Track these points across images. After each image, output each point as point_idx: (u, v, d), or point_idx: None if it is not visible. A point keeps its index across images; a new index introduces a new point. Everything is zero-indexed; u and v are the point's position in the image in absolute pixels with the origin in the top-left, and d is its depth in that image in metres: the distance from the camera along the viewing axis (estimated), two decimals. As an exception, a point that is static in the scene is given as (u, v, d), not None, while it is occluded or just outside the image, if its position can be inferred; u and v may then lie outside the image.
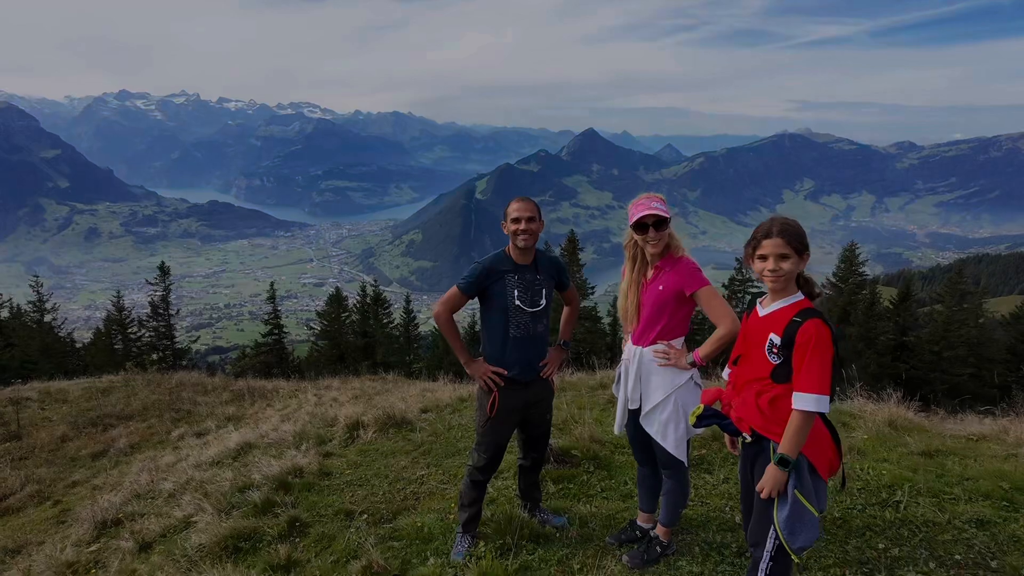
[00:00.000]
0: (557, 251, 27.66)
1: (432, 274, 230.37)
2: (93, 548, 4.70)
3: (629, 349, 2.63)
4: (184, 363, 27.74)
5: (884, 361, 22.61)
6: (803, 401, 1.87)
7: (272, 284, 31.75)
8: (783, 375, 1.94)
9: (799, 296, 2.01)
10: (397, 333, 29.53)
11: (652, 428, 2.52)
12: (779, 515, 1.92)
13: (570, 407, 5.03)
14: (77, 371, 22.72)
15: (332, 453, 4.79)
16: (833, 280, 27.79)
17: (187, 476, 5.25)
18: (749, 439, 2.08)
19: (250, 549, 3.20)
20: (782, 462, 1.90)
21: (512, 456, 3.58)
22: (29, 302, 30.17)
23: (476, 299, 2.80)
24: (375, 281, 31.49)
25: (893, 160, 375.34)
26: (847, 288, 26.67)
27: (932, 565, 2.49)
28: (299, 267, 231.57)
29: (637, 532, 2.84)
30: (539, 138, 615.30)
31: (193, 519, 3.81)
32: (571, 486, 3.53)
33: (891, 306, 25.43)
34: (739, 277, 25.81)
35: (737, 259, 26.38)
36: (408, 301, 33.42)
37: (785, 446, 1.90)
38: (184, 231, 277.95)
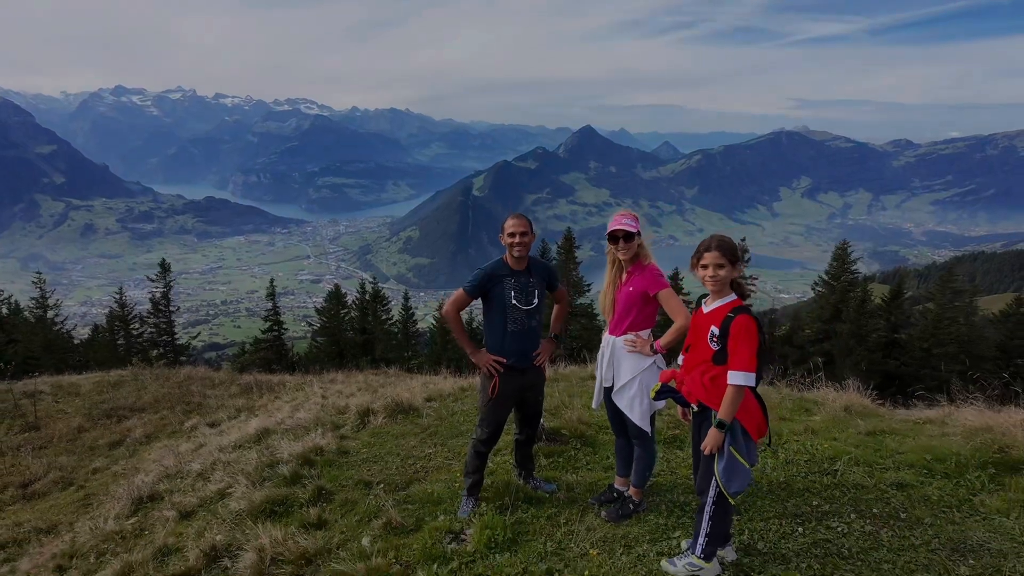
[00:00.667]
0: (554, 248, 28.17)
1: (429, 271, 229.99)
2: (133, 520, 5.20)
3: (605, 338, 3.17)
4: (184, 359, 28.17)
5: (875, 358, 23.18)
6: (735, 378, 2.40)
7: (272, 281, 32.13)
8: (721, 358, 2.47)
9: (733, 296, 2.54)
10: (396, 330, 29.95)
11: (622, 403, 3.06)
12: (718, 467, 2.46)
13: (562, 395, 5.57)
14: (78, 367, 23.14)
15: (347, 436, 5.31)
16: (825, 278, 28.33)
17: (213, 457, 5.76)
18: (696, 409, 2.62)
19: (284, 512, 3.72)
20: (720, 425, 2.44)
21: (508, 438, 4.10)
22: (32, 298, 30.52)
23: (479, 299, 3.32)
24: (374, 279, 31.88)
25: (890, 158, 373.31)
26: (839, 286, 27.20)
27: (853, 517, 3.03)
28: (296, 264, 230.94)
29: (614, 493, 3.37)
30: (536, 135, 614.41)
31: (228, 491, 4.32)
32: (560, 460, 4.06)
33: (883, 304, 26.02)
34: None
35: (731, 258, 26.90)
36: (407, 298, 33.80)
37: (722, 413, 2.43)
38: (180, 227, 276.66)
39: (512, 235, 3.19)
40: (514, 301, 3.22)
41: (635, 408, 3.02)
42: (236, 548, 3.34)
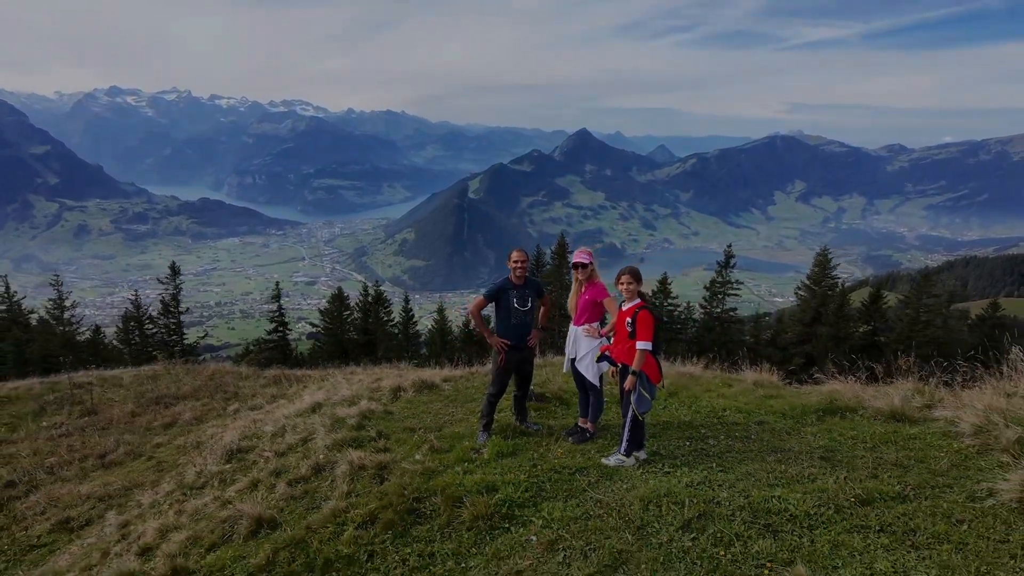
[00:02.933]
0: (548, 253, 30.05)
1: (425, 273, 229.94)
2: (229, 466, 6.93)
3: (571, 328, 5.00)
4: (192, 359, 29.65)
5: (851, 359, 24.91)
6: (641, 345, 4.22)
7: (277, 284, 33.73)
8: (633, 335, 4.29)
9: (638, 300, 4.36)
10: (396, 331, 31.57)
11: (582, 367, 4.88)
12: (633, 398, 4.27)
13: (548, 374, 7.39)
14: (92, 365, 24.67)
15: (387, 404, 7.06)
16: (807, 283, 30.02)
17: (282, 423, 7.50)
18: (620, 367, 4.43)
19: (357, 446, 5.47)
20: (633, 373, 4.24)
21: (506, 403, 5.87)
22: (50, 299, 32.06)
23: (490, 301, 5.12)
24: (377, 283, 33.46)
25: (884, 162, 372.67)
26: (820, 291, 28.94)
27: (723, 438, 4.84)
28: (291, 265, 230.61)
29: (578, 428, 5.18)
30: (532, 138, 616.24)
31: (310, 438, 6.08)
32: (544, 412, 5.88)
33: (863, 307, 27.74)
34: (719, 279, 28.14)
35: (718, 262, 28.69)
36: (407, 300, 35.38)
37: (635, 366, 4.24)
38: (175, 229, 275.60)
39: (516, 263, 5.03)
40: (515, 305, 5.05)
41: (589, 371, 4.84)
42: (332, 464, 5.11)
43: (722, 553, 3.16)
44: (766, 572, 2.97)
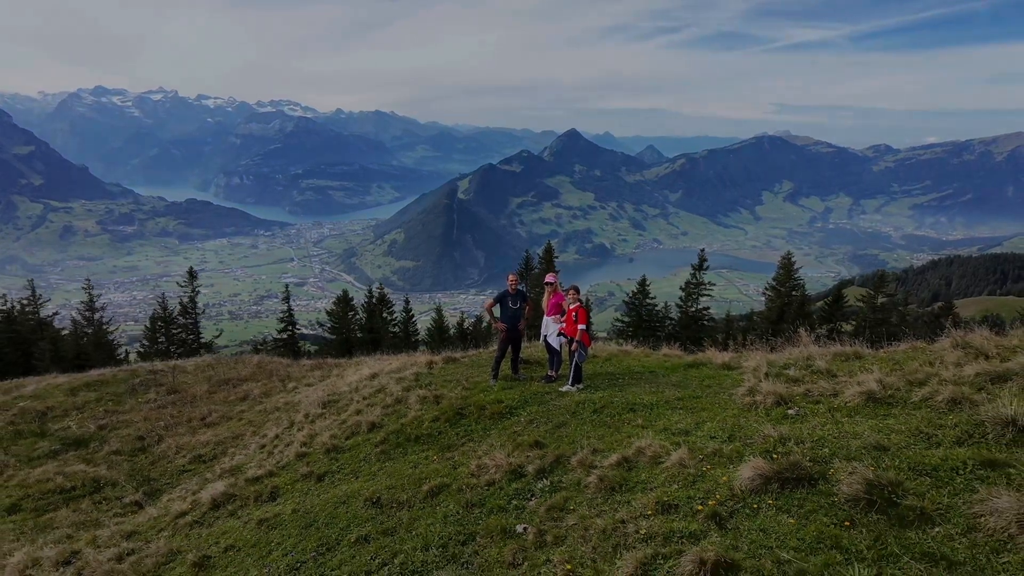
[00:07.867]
0: (536, 253, 33.88)
1: (414, 274, 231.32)
2: (325, 410, 10.57)
3: (545, 318, 8.78)
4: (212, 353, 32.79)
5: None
6: (581, 326, 8.02)
7: (287, 287, 36.91)
8: (577, 321, 8.08)
9: (579, 303, 8.16)
10: (398, 330, 34.95)
11: (551, 340, 8.69)
12: (576, 354, 8.07)
13: (531, 350, 11.16)
14: (116, 362, 27.80)
15: (428, 370, 10.77)
16: (773, 284, 33.74)
17: (354, 385, 11.16)
18: (569, 339, 8.24)
19: (419, 388, 9.18)
20: (576, 341, 8.04)
21: (505, 364, 9.59)
22: (81, 302, 35.14)
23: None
24: (381, 286, 36.71)
25: (870, 163, 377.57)
26: (784, 291, 32.66)
27: (627, 379, 8.62)
28: (279, 267, 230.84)
29: (547, 375, 8.97)
30: (521, 138, 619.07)
31: (384, 388, 9.77)
32: (528, 369, 9.66)
33: (826, 305, 31.36)
34: (693, 281, 31.80)
35: (692, 265, 32.40)
36: (407, 302, 38.71)
37: (577, 337, 8.03)
38: (162, 230, 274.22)
39: (510, 282, 8.79)
40: (510, 305, 8.82)
41: (554, 341, 8.64)
42: (405, 398, 8.82)
43: (609, 419, 6.94)
44: (627, 424, 6.74)
